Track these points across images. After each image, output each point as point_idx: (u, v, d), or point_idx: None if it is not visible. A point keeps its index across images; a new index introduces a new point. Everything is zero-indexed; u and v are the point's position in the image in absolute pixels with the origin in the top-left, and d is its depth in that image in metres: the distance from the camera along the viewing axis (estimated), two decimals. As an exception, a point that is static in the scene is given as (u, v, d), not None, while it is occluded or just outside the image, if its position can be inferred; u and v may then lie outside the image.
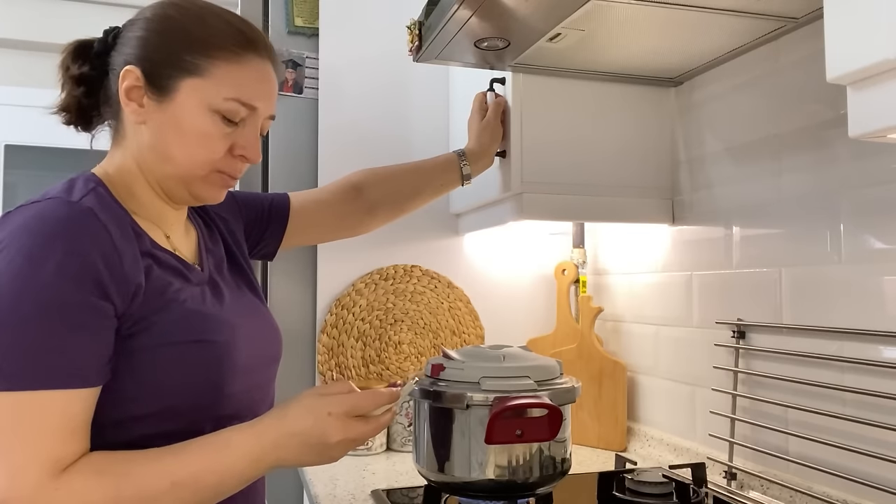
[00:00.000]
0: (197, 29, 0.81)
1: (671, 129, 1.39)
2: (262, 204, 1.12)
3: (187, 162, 0.82)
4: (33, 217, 0.71)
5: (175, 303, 0.79)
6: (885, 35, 0.55)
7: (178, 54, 0.80)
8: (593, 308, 1.54)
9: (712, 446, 1.25)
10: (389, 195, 1.23)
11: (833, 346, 1.02)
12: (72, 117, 0.88)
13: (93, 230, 0.72)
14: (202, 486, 0.72)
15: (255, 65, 0.83)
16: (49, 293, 0.68)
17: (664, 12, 1.02)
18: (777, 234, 1.13)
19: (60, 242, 0.69)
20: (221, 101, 0.81)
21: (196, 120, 0.80)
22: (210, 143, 0.81)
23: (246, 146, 0.84)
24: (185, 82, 0.80)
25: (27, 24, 3.01)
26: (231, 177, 0.86)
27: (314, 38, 1.66)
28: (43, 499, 0.64)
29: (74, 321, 0.69)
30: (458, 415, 0.92)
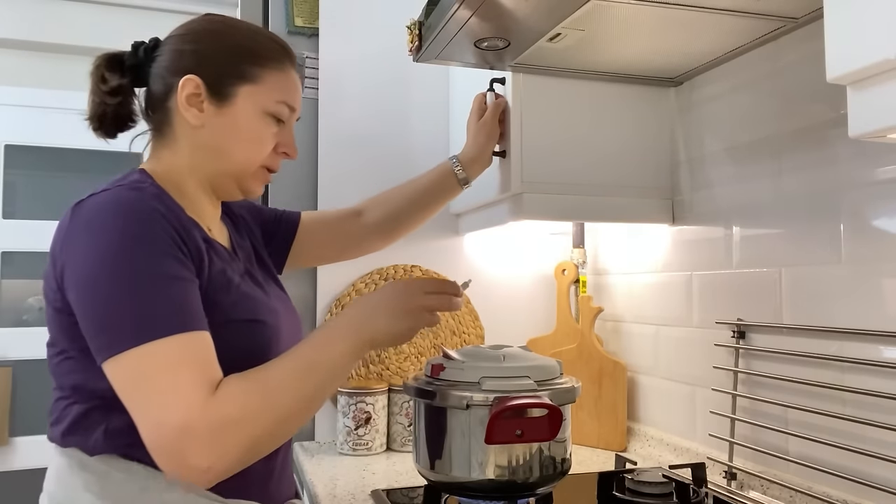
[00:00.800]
0: (249, 42, 0.93)
1: (671, 129, 1.39)
2: (273, 214, 1.20)
3: (243, 159, 0.92)
4: (108, 202, 0.79)
5: (232, 285, 0.88)
6: (885, 35, 0.55)
7: (236, 65, 0.90)
8: (593, 308, 1.54)
9: (712, 446, 1.25)
10: (388, 214, 1.26)
11: (833, 346, 1.02)
12: (102, 125, 0.94)
13: (163, 209, 0.80)
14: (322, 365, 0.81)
15: (293, 73, 0.96)
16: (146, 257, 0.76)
17: (664, 12, 1.02)
18: (777, 234, 1.13)
19: (139, 213, 0.78)
20: (273, 104, 0.92)
21: (252, 121, 0.92)
22: (263, 141, 0.93)
23: (288, 143, 0.96)
24: (242, 89, 0.91)
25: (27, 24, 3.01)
26: (273, 171, 0.97)
27: (314, 38, 1.66)
28: (212, 407, 0.72)
29: (174, 275, 0.77)
30: (459, 415, 0.92)
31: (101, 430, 0.80)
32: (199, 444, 0.70)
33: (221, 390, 0.74)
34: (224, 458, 0.72)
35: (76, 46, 3.09)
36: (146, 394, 0.72)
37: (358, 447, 1.46)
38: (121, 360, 0.73)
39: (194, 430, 0.70)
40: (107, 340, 0.74)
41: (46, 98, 3.04)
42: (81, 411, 0.81)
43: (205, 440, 0.70)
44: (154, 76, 0.92)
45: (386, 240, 1.29)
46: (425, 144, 1.70)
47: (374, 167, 1.66)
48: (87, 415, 0.81)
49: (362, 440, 1.46)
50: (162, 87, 0.91)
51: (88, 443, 0.80)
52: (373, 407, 1.47)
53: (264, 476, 0.90)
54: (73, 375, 0.82)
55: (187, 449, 0.70)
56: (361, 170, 1.65)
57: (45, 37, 3.03)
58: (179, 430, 0.70)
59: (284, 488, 0.97)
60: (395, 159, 1.68)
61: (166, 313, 0.74)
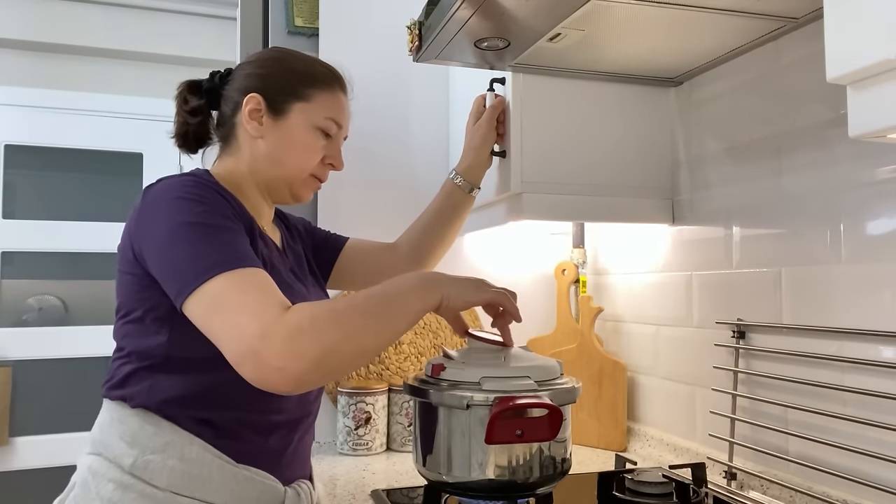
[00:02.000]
0: (303, 67, 1.07)
1: (671, 129, 1.39)
2: (324, 234, 1.30)
3: (295, 167, 1.04)
4: (172, 183, 0.91)
5: (274, 270, 0.96)
6: (885, 35, 0.55)
7: (291, 85, 1.04)
8: (593, 308, 1.54)
9: (712, 446, 1.25)
10: (414, 244, 1.32)
11: (833, 346, 1.02)
12: (185, 142, 1.09)
13: (215, 188, 0.92)
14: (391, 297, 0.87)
15: (341, 95, 1.09)
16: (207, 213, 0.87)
17: (664, 12, 1.02)
18: (777, 234, 1.13)
19: (198, 188, 0.90)
20: (322, 120, 1.05)
21: (304, 135, 1.04)
22: (312, 152, 1.05)
23: (334, 156, 1.08)
24: (296, 106, 1.04)
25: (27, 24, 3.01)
26: (321, 181, 1.09)
27: (314, 38, 1.66)
28: (285, 318, 0.79)
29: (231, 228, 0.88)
30: (459, 415, 0.92)
31: (144, 387, 0.91)
32: (275, 347, 0.77)
33: (294, 307, 0.81)
34: (298, 360, 0.77)
35: (76, 46, 3.09)
36: (224, 318, 0.80)
37: (358, 447, 1.46)
38: (195, 297, 0.82)
39: (271, 335, 0.77)
40: (180, 284, 0.83)
41: (46, 98, 3.04)
42: (131, 370, 0.93)
43: (280, 343, 0.77)
44: (225, 97, 1.06)
45: (419, 267, 1.34)
46: (425, 144, 1.70)
47: (373, 167, 1.66)
48: (135, 373, 0.92)
49: (362, 440, 1.46)
50: (231, 105, 1.05)
51: (132, 397, 0.91)
52: (373, 407, 1.47)
53: (279, 450, 0.97)
54: (130, 338, 0.94)
55: (264, 351, 0.77)
56: (361, 169, 1.65)
57: (45, 37, 3.03)
58: (258, 337, 0.77)
59: (297, 468, 1.02)
60: (394, 159, 1.68)
61: (226, 252, 0.84)
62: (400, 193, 1.66)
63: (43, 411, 2.93)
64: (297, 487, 0.99)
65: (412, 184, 1.67)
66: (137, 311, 0.92)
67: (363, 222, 1.60)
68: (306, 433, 1.04)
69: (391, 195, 1.65)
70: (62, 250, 3.00)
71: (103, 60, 3.19)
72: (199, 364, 0.90)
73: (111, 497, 0.87)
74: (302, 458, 1.04)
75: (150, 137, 3.12)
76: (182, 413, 0.91)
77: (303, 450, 1.04)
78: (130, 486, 0.87)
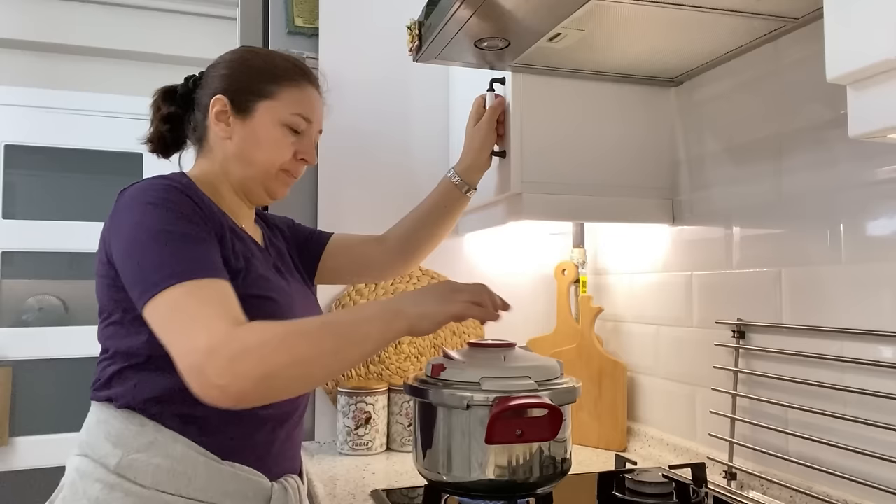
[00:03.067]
0: (266, 65, 1.06)
1: (671, 129, 1.39)
2: (307, 231, 1.30)
3: (265, 164, 1.04)
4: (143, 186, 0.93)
5: (250, 265, 0.97)
6: (885, 35, 0.55)
7: (255, 84, 1.04)
8: (593, 308, 1.54)
9: (712, 446, 1.25)
10: (404, 237, 1.32)
11: (833, 346, 1.02)
12: (156, 146, 1.11)
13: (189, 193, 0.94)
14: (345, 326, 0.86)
15: (309, 90, 1.08)
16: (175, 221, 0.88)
17: (664, 12, 1.02)
18: (777, 234, 1.13)
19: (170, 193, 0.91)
20: (289, 116, 1.05)
21: (271, 132, 1.04)
22: (280, 149, 1.05)
23: (306, 151, 1.07)
24: (261, 104, 1.04)
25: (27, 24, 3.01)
26: (294, 176, 1.09)
27: (314, 38, 1.66)
28: (233, 336, 0.80)
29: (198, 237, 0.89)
30: (459, 415, 0.92)
31: (129, 387, 0.93)
32: (219, 365, 0.78)
33: (246, 324, 0.82)
34: (238, 380, 0.78)
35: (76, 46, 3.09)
36: (178, 326, 0.82)
37: (358, 447, 1.46)
38: (154, 303, 0.83)
39: (216, 352, 0.78)
40: (140, 290, 0.85)
41: (46, 98, 3.04)
42: (116, 370, 0.94)
43: (223, 361, 0.78)
44: (197, 101, 1.08)
45: (407, 262, 1.33)
46: (425, 144, 1.70)
47: (373, 167, 1.66)
48: (120, 373, 0.94)
49: (362, 440, 1.46)
50: (202, 109, 1.07)
51: (117, 397, 0.93)
52: (373, 407, 1.47)
53: (265, 445, 0.97)
54: (113, 339, 0.95)
55: (209, 368, 0.78)
56: (361, 169, 1.65)
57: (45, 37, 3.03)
58: (204, 352, 0.78)
59: (285, 463, 1.02)
60: (394, 159, 1.68)
61: (189, 262, 0.85)
62: (400, 193, 1.66)
63: (43, 411, 2.93)
64: (284, 482, 0.99)
65: (412, 184, 1.67)
66: (116, 312, 0.94)
67: (363, 222, 1.60)
68: (295, 428, 1.04)
69: (391, 195, 1.65)
70: (62, 250, 3.00)
71: (103, 60, 3.19)
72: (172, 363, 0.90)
73: (98, 497, 0.88)
74: (290, 452, 1.04)
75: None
76: (166, 411, 0.91)
77: (291, 445, 1.04)
78: (116, 486, 0.88)
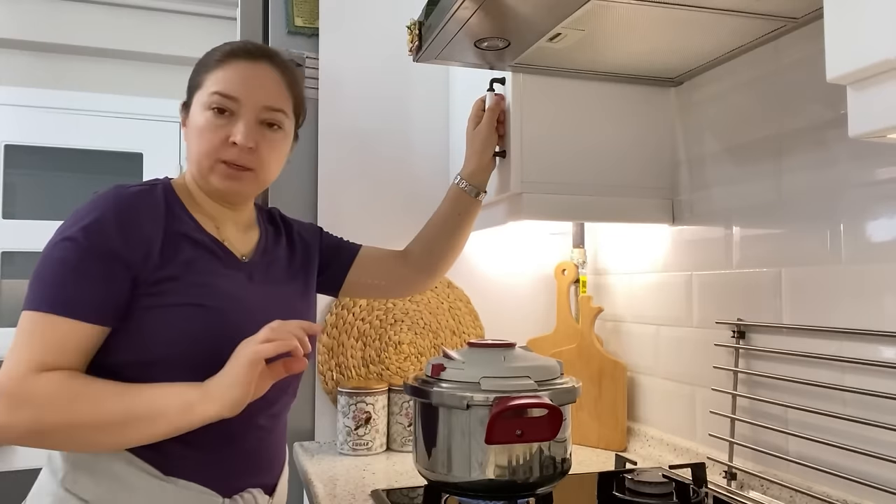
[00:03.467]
0: (205, 57, 1.03)
1: (671, 129, 1.39)
2: (335, 241, 1.27)
3: (197, 155, 0.99)
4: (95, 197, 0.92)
5: (191, 273, 0.93)
6: (885, 35, 0.55)
7: (193, 79, 1.02)
8: (593, 308, 1.54)
9: (712, 446, 1.25)
10: (425, 252, 1.30)
11: (833, 346, 1.02)
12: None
13: (122, 207, 0.91)
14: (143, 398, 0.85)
15: (237, 65, 1.00)
16: (72, 245, 0.87)
17: (664, 12, 1.02)
18: (777, 234, 1.13)
19: (96, 213, 0.89)
20: (207, 97, 0.98)
21: (198, 120, 0.99)
22: (207, 134, 0.98)
23: (236, 133, 0.97)
24: (194, 97, 1.01)
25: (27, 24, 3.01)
26: (234, 166, 0.98)
27: (314, 38, 1.66)
28: (23, 384, 0.83)
29: (86, 270, 0.87)
30: (459, 415, 0.92)
31: None
32: (3, 405, 0.82)
33: (44, 375, 0.84)
34: (11, 426, 0.82)
35: (76, 46, 3.09)
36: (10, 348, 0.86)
37: (358, 447, 1.46)
38: (22, 315, 0.87)
39: (4, 392, 0.83)
40: (25, 297, 0.88)
41: (46, 98, 3.04)
42: None
43: (6, 404, 0.82)
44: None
45: (432, 276, 1.32)
46: (425, 144, 1.70)
47: (374, 167, 1.66)
48: None
49: (362, 440, 1.46)
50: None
51: None
52: (373, 407, 1.47)
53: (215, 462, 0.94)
54: None
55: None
56: (361, 169, 1.65)
57: (45, 37, 3.03)
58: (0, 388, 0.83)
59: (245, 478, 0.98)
60: (394, 159, 1.68)
61: (62, 297, 0.86)
62: (400, 193, 1.66)
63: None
64: (238, 498, 0.96)
65: (412, 183, 1.67)
66: None
67: (363, 222, 1.60)
68: (259, 443, 0.99)
69: (391, 195, 1.65)
70: (62, 250, 3.00)
71: (103, 60, 3.19)
72: (116, 372, 0.88)
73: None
74: (254, 467, 0.99)
75: (150, 137, 3.12)
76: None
77: (255, 459, 0.99)
78: (64, 500, 0.89)
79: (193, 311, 0.92)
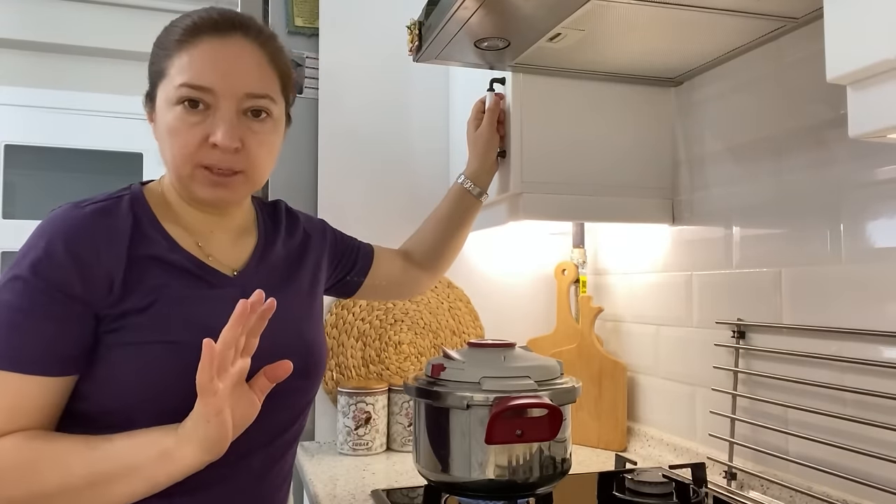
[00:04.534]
0: (164, 36, 0.84)
1: (671, 129, 1.39)
2: (352, 243, 1.19)
3: (172, 161, 0.83)
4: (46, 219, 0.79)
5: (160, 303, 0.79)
6: (885, 35, 0.55)
7: (153, 66, 0.84)
8: (593, 308, 1.54)
9: (712, 446, 1.25)
10: (427, 251, 1.28)
11: (833, 346, 1.02)
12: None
13: (73, 234, 0.77)
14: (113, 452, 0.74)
15: (207, 45, 0.80)
16: (20, 285, 0.75)
17: (664, 12, 1.02)
18: (777, 234, 1.13)
19: (43, 242, 0.76)
20: (174, 91, 0.80)
21: (166, 117, 0.82)
22: (179, 135, 0.81)
23: (214, 131, 0.80)
24: (159, 88, 0.83)
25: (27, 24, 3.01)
26: (217, 171, 0.82)
27: (314, 38, 1.66)
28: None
29: (37, 313, 0.75)
30: (459, 415, 0.92)
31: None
32: None
33: (5, 441, 0.73)
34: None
35: (76, 46, 3.09)
36: None
37: (358, 447, 1.46)
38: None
39: None
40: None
41: (46, 98, 3.04)
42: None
43: None
44: None
45: (434, 275, 1.30)
46: (425, 144, 1.70)
47: (374, 167, 1.66)
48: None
49: (362, 440, 1.46)
50: None
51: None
52: (373, 407, 1.47)
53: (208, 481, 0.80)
54: None
55: None
56: (361, 169, 1.65)
57: (45, 37, 3.03)
58: None
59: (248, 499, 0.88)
60: (395, 158, 1.68)
61: (10, 349, 0.74)
62: (400, 192, 1.66)
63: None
64: None
65: (412, 183, 1.67)
66: None
67: (363, 222, 1.60)
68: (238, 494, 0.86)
69: (391, 194, 1.65)
70: (62, 250, 3.00)
71: (103, 60, 3.19)
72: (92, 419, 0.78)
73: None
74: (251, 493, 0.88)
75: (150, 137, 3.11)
76: None
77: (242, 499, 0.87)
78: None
79: (163, 348, 0.78)
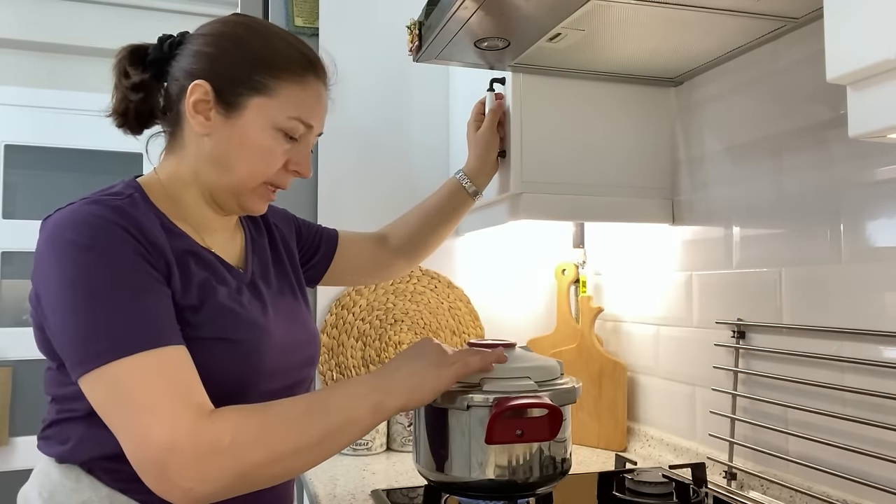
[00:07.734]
0: (265, 50, 0.87)
1: (671, 129, 1.39)
2: (315, 229, 1.20)
3: (245, 174, 0.87)
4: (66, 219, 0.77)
5: (211, 299, 0.83)
6: (885, 35, 0.55)
7: (248, 73, 0.85)
8: (593, 308, 1.54)
9: (712, 446, 1.25)
10: (409, 238, 1.28)
11: (833, 346, 1.02)
12: (126, 121, 0.92)
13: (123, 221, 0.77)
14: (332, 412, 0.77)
15: (315, 86, 0.90)
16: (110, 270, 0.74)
17: (664, 12, 1.02)
18: (777, 234, 1.13)
19: (99, 230, 0.76)
20: (285, 120, 0.87)
21: (261, 136, 0.86)
22: (270, 158, 0.87)
23: (300, 162, 0.90)
24: (253, 101, 0.85)
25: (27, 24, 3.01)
26: (278, 189, 0.92)
27: (314, 38, 1.66)
28: (201, 431, 0.70)
29: (139, 286, 0.75)
30: (459, 415, 0.91)
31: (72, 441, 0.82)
32: (184, 465, 0.69)
33: (218, 415, 0.72)
34: (206, 482, 0.69)
35: (76, 46, 3.09)
36: (127, 412, 0.71)
37: (358, 447, 1.46)
38: (94, 377, 0.72)
39: (181, 450, 0.69)
40: (79, 358, 0.73)
41: (46, 98, 3.04)
42: (56, 419, 0.84)
43: (190, 462, 0.69)
44: (172, 75, 0.89)
45: (410, 262, 1.30)
46: (425, 144, 1.70)
47: (373, 167, 1.66)
48: (60, 423, 0.83)
49: (362, 440, 1.46)
50: (177, 89, 0.88)
51: (60, 450, 0.83)
52: (373, 407, 1.47)
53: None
54: (52, 385, 0.85)
55: (171, 467, 0.69)
56: (361, 169, 1.65)
57: (45, 37, 3.03)
58: (165, 449, 0.69)
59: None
60: (394, 159, 1.68)
61: (135, 328, 0.72)
62: (400, 192, 1.66)
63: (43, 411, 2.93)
64: None
65: (412, 183, 1.67)
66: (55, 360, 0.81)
67: (363, 222, 1.59)
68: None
69: (391, 194, 1.65)
70: (62, 250, 3.00)
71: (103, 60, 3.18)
72: None
73: None
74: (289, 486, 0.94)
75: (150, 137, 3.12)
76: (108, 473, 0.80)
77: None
78: None
79: (222, 346, 0.82)
